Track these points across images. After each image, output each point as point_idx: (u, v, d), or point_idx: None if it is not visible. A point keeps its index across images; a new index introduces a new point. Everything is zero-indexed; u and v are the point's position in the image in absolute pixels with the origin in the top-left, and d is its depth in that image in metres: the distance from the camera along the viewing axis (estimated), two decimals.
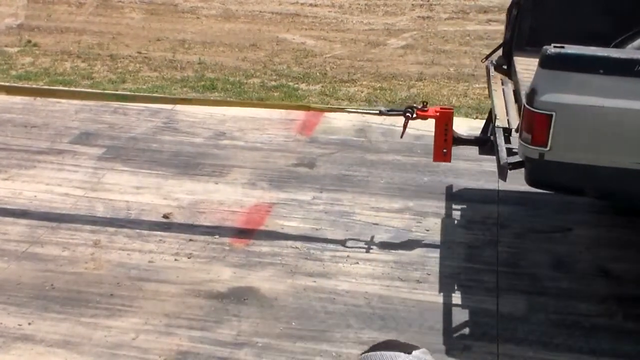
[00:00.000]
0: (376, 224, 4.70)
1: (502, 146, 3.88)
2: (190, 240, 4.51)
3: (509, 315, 3.88)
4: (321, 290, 4.09)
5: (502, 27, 9.31)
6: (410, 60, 7.97)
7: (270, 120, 6.16)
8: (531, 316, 3.88)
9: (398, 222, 4.73)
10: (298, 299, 4.02)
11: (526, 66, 4.46)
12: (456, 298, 4.01)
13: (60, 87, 6.85)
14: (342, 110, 5.78)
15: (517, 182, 5.15)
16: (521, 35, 4.78)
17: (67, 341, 3.66)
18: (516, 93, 4.39)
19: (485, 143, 4.60)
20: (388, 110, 4.71)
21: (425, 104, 4.53)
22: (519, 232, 4.62)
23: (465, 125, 5.77)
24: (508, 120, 4.17)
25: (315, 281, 4.16)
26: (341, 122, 6.11)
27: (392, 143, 5.77)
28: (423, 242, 4.52)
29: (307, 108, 5.89)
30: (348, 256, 4.38)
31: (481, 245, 4.48)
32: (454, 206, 4.89)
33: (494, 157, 4.03)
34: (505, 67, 4.83)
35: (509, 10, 4.83)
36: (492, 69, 4.86)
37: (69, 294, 4.01)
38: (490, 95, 4.70)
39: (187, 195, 5.03)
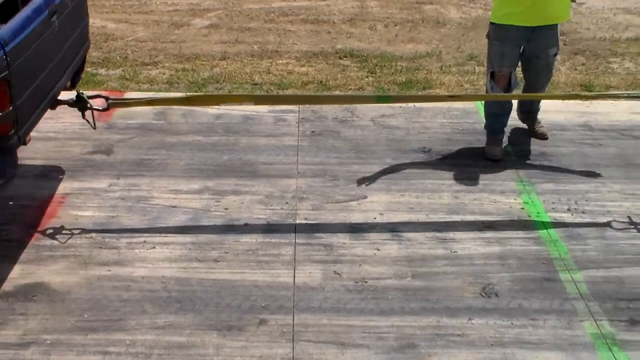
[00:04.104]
0: (174, 207, 4.62)
1: None
2: None
3: (305, 285, 3.95)
4: (116, 279, 3.97)
5: (307, 3, 9.48)
6: (214, 39, 7.89)
7: (65, 108, 5.85)
8: (326, 284, 3.96)
9: (197, 203, 4.67)
10: (91, 290, 3.88)
11: None
12: (253, 274, 4.03)
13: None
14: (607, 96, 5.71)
15: (314, 154, 5.30)
16: None
17: None
18: None
19: None
20: None
21: None
22: (317, 203, 4.70)
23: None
24: None
25: (110, 270, 4.04)
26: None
27: (192, 124, 5.69)
28: (221, 221, 4.50)
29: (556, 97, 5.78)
30: (145, 241, 4.28)
31: (279, 220, 4.52)
32: (253, 183, 4.90)
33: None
34: None
35: None
36: None
37: None
38: None
39: None
